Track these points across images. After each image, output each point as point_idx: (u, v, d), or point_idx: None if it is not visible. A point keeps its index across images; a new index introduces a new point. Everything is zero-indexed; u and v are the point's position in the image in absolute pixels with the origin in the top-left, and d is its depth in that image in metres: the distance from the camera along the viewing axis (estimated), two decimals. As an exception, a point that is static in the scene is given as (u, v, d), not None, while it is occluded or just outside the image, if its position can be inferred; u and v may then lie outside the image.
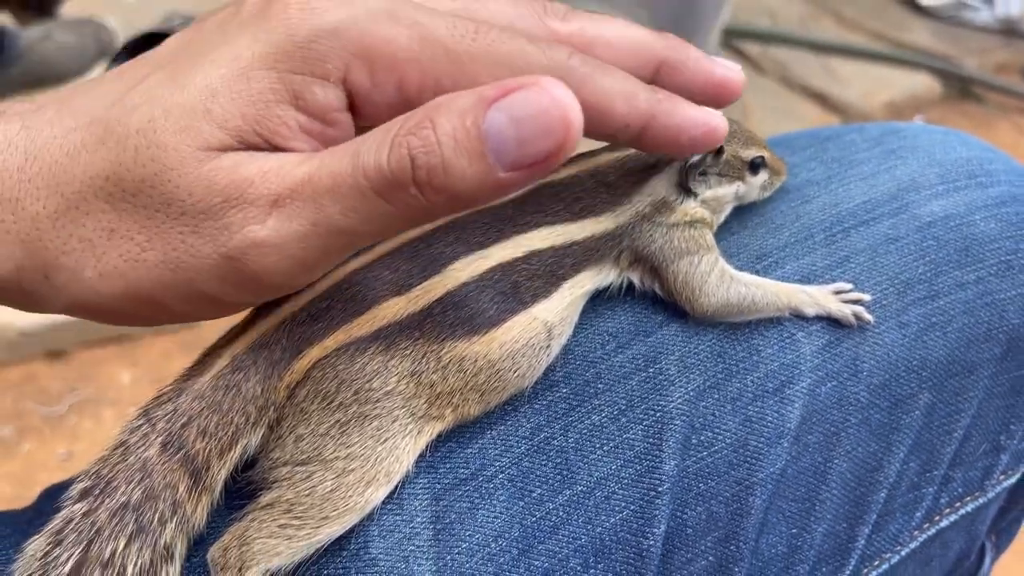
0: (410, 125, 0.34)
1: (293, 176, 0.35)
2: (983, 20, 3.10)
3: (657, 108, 0.41)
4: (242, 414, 0.41)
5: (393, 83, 0.37)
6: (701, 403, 0.48)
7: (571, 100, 0.33)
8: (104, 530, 0.39)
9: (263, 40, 0.36)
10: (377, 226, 0.36)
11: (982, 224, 0.54)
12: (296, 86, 0.36)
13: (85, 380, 1.49)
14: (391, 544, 0.43)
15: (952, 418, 0.53)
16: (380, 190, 0.34)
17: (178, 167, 0.35)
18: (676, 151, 0.44)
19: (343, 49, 0.36)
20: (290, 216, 0.35)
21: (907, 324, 0.52)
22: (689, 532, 0.47)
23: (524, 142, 0.33)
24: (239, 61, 0.36)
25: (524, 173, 0.33)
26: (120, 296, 0.37)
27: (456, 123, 0.33)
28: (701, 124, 0.42)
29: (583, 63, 0.39)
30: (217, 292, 0.37)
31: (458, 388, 0.43)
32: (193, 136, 0.36)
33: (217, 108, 0.36)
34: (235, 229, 0.35)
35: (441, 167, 0.33)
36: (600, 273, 0.48)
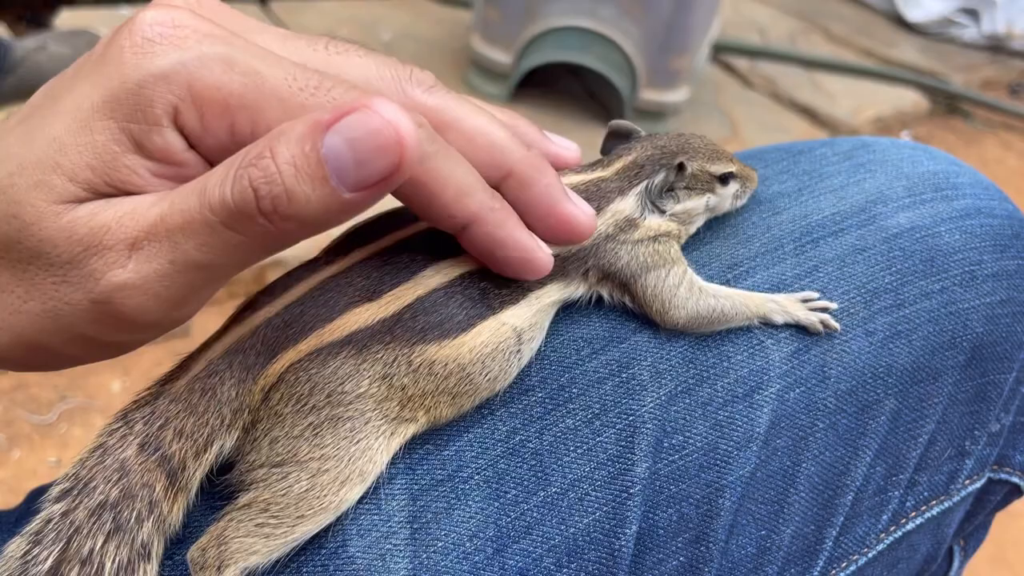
0: (251, 156, 0.34)
1: (146, 218, 0.36)
2: (970, 37, 3.14)
3: (488, 215, 0.41)
4: (217, 416, 0.42)
5: (224, 128, 0.37)
6: (672, 408, 0.49)
7: (402, 118, 0.33)
8: (83, 528, 0.40)
9: (100, 86, 0.37)
10: (235, 257, 0.37)
11: (947, 236, 0.56)
12: (135, 134, 0.37)
13: (75, 388, 1.50)
14: (368, 543, 0.45)
15: (917, 424, 0.55)
16: (228, 223, 0.35)
17: (37, 222, 0.36)
18: (488, 262, 0.44)
19: (170, 93, 0.36)
20: (148, 257, 0.36)
21: (873, 332, 0.53)
22: (660, 533, 0.49)
23: (362, 163, 0.33)
24: (80, 111, 0.37)
25: (369, 192, 0.34)
26: (11, 345, 0.39)
27: (295, 150, 0.33)
28: (522, 250, 0.42)
29: (430, 140, 0.39)
30: (97, 334, 0.39)
31: (429, 391, 0.44)
32: (46, 191, 0.36)
33: (66, 162, 0.37)
34: (99, 275, 0.36)
35: (284, 195, 0.34)
36: (568, 286, 0.49)
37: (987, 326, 0.56)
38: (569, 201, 0.44)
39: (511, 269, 0.43)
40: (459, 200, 0.40)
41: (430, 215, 0.41)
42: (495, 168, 0.43)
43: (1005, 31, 3.08)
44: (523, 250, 0.43)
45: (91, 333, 0.38)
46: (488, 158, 0.42)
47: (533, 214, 0.43)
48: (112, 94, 0.37)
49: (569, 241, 0.45)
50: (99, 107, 0.37)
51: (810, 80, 2.71)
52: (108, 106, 0.37)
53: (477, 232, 0.42)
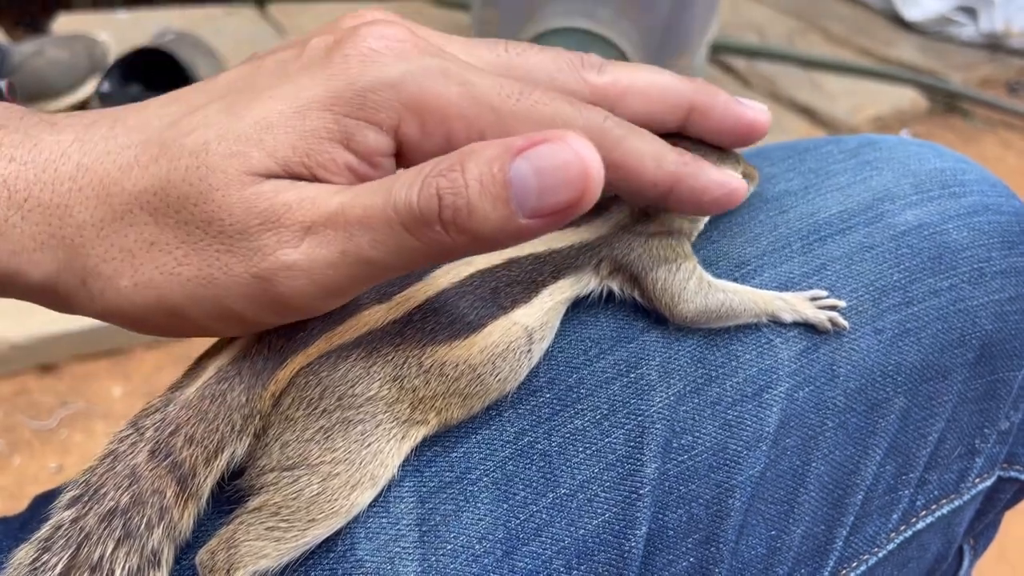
0: (441, 167, 0.36)
1: (328, 205, 0.37)
2: (968, 35, 3.14)
3: (683, 170, 0.44)
4: (228, 422, 0.42)
5: (441, 135, 0.39)
6: (681, 407, 0.49)
7: (592, 155, 0.35)
8: (92, 535, 0.39)
9: (323, 84, 0.39)
10: (402, 259, 0.37)
11: (955, 233, 0.56)
12: (349, 128, 0.39)
13: (76, 394, 1.49)
14: (377, 546, 0.44)
15: (927, 422, 0.55)
16: (408, 225, 0.36)
17: (222, 188, 0.37)
18: (698, 211, 0.47)
19: (398, 101, 0.39)
20: (321, 243, 0.37)
21: (882, 330, 0.53)
22: (670, 534, 0.48)
23: (545, 192, 0.34)
24: (298, 100, 0.39)
25: (544, 221, 0.35)
26: (151, 306, 0.39)
27: (484, 169, 0.35)
28: (722, 186, 0.45)
29: (617, 125, 0.42)
30: (243, 310, 0.39)
31: (440, 392, 0.44)
32: (241, 160, 0.38)
33: (270, 139, 0.38)
34: (268, 251, 0.37)
35: (466, 208, 0.35)
36: (580, 281, 0.49)
37: (996, 323, 0.56)
38: (748, 108, 0.48)
39: (719, 207, 0.46)
40: (659, 167, 0.43)
41: (635, 190, 0.44)
42: (677, 108, 0.46)
43: (1003, 29, 3.08)
44: (724, 186, 0.45)
45: (239, 307, 0.39)
46: (669, 103, 0.46)
47: (721, 131, 0.48)
48: (337, 92, 0.38)
49: (758, 139, 0.49)
50: (320, 100, 0.38)
51: (809, 80, 2.71)
52: (330, 101, 0.38)
53: (682, 189, 0.44)
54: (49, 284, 0.40)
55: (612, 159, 0.36)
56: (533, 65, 0.44)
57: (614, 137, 0.41)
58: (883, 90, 2.72)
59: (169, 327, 0.41)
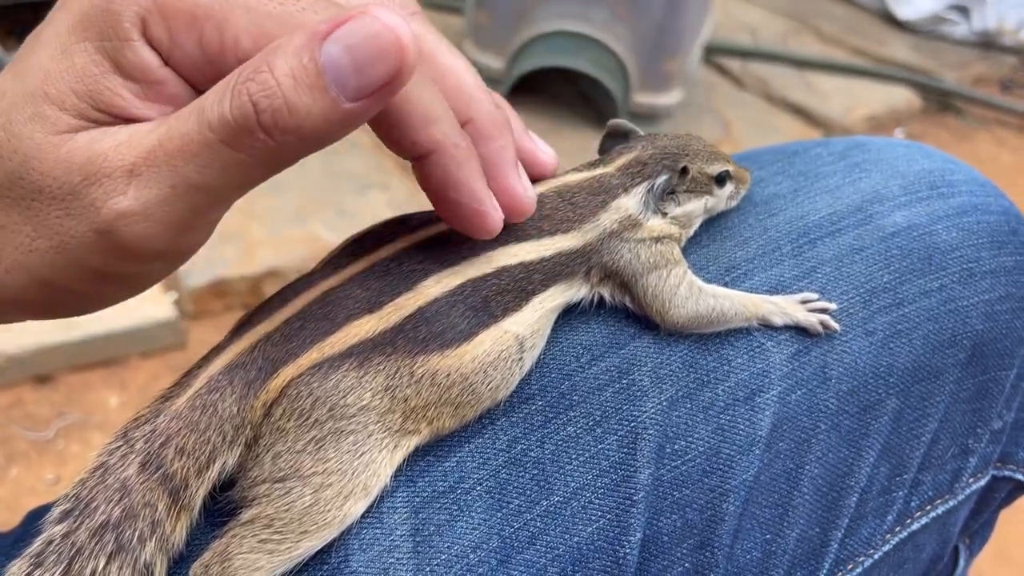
0: (248, 72, 0.34)
1: (144, 144, 0.36)
2: (961, 34, 3.15)
3: (450, 149, 0.40)
4: (219, 433, 0.41)
5: (192, 40, 0.37)
6: (674, 413, 0.49)
7: (400, 23, 0.33)
8: (84, 550, 0.39)
9: (72, 8, 0.37)
10: (234, 177, 0.36)
11: (944, 233, 0.56)
12: (111, 53, 0.37)
13: (72, 404, 1.49)
14: (371, 557, 0.44)
15: (920, 423, 0.55)
16: (228, 140, 0.35)
17: (37, 155, 0.37)
18: (434, 202, 0.43)
19: (135, 4, 0.36)
20: (147, 183, 0.36)
21: (873, 332, 0.53)
22: (665, 540, 0.48)
23: (361, 69, 0.33)
24: (59, 37, 0.37)
25: (369, 101, 0.34)
26: (27, 287, 0.39)
27: (293, 62, 0.33)
28: (475, 200, 0.41)
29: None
30: (106, 266, 0.38)
31: (432, 402, 0.44)
32: (41, 123, 0.37)
33: (52, 90, 0.37)
34: (99, 204, 0.36)
35: (285, 107, 0.34)
36: (571, 288, 0.49)
37: (987, 323, 0.56)
38: (516, 172, 0.43)
39: (458, 218, 0.42)
40: (425, 126, 0.39)
41: (393, 138, 0.40)
42: (457, 112, 0.41)
43: (996, 28, 3.09)
44: (476, 200, 0.41)
45: (99, 265, 0.38)
46: (452, 99, 0.41)
47: (488, 160, 0.43)
48: (83, 13, 0.37)
49: (505, 213, 0.43)
50: (74, 28, 0.37)
51: (802, 80, 2.72)
52: (81, 26, 0.37)
53: (436, 164, 0.40)
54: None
55: None
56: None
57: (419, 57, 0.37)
58: (877, 89, 2.73)
59: (54, 302, 0.41)
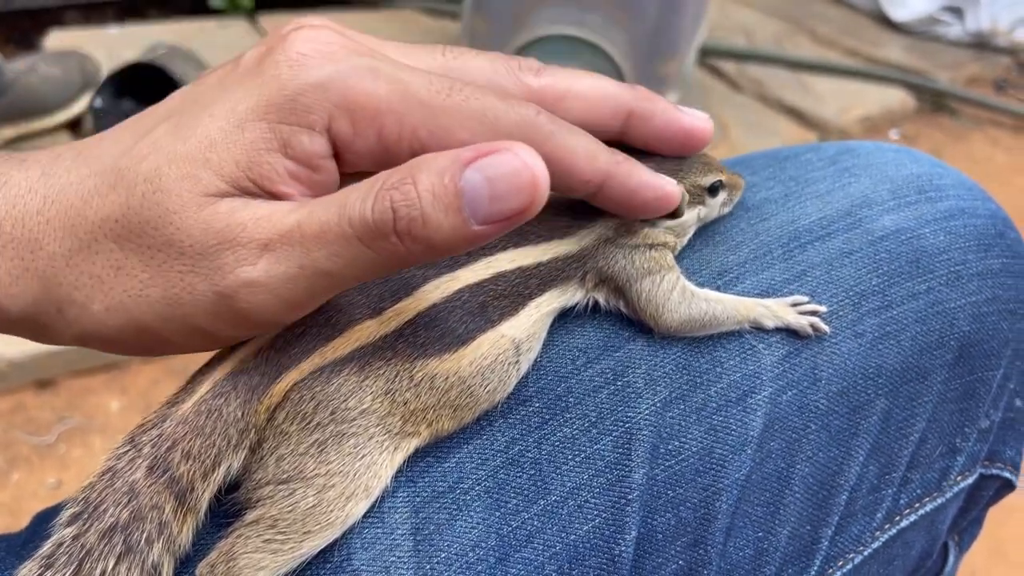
0: (394, 180, 0.37)
1: (284, 223, 0.39)
2: (955, 35, 3.17)
3: (615, 169, 0.45)
4: (224, 437, 0.43)
5: (373, 132, 0.40)
6: (668, 414, 0.50)
7: (539, 163, 0.36)
8: (94, 551, 0.40)
9: (256, 94, 0.40)
10: (359, 270, 0.39)
11: (931, 237, 0.57)
12: (285, 135, 0.40)
13: (74, 409, 1.50)
14: (373, 556, 0.45)
15: (908, 422, 0.56)
16: (364, 238, 0.37)
17: (179, 211, 0.39)
18: (628, 212, 0.48)
19: (327, 101, 0.40)
20: (279, 259, 0.38)
21: (862, 333, 0.54)
22: (659, 538, 0.50)
23: (496, 199, 0.36)
24: (235, 114, 0.40)
25: (496, 227, 0.37)
26: (124, 328, 0.41)
27: (435, 180, 0.36)
28: (655, 188, 0.47)
29: (550, 121, 0.43)
30: (210, 326, 0.40)
31: (431, 405, 0.45)
32: (193, 183, 0.39)
33: (215, 157, 0.39)
34: (228, 269, 0.39)
35: (420, 219, 0.36)
36: (566, 293, 0.50)
37: (973, 324, 0.57)
38: (687, 115, 0.49)
39: (650, 209, 0.47)
40: (590, 164, 0.44)
41: (567, 185, 0.45)
42: (617, 113, 0.47)
43: (989, 28, 3.11)
44: (656, 188, 0.47)
45: (206, 325, 0.40)
46: (608, 108, 0.47)
47: (661, 137, 0.49)
48: (269, 100, 0.40)
49: (699, 147, 0.50)
50: (254, 110, 0.40)
51: (798, 81, 2.73)
52: (264, 110, 0.40)
53: (613, 187, 0.45)
54: (28, 315, 0.41)
55: (543, 153, 0.37)
56: (471, 68, 0.45)
57: (546, 132, 0.42)
58: (871, 90, 2.74)
59: (143, 346, 0.42)
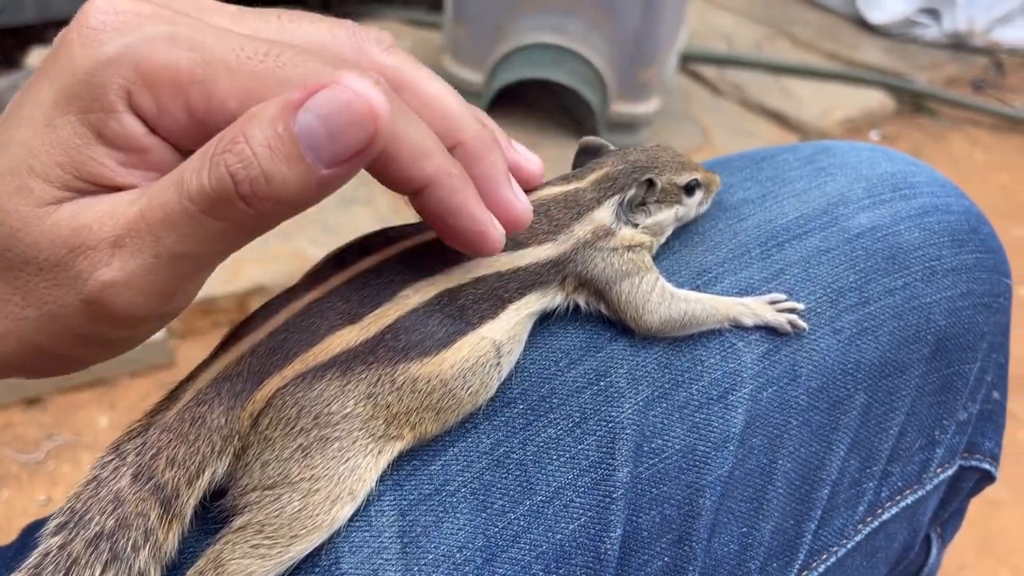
0: (224, 143, 0.35)
1: (127, 215, 0.37)
2: (932, 36, 3.20)
3: (444, 179, 0.41)
4: (208, 443, 0.43)
5: (179, 105, 0.37)
6: (650, 413, 0.51)
7: (373, 92, 0.34)
8: (80, 559, 0.40)
9: (55, 82, 0.37)
10: (217, 244, 0.37)
11: (907, 234, 0.58)
12: (94, 124, 0.37)
13: (62, 425, 1.49)
14: (361, 559, 0.46)
15: (887, 416, 0.57)
16: (208, 211, 0.36)
17: (23, 227, 0.37)
18: (440, 231, 0.44)
19: (119, 76, 0.37)
20: (132, 253, 0.37)
21: (841, 330, 0.55)
22: (644, 535, 0.50)
23: (336, 137, 0.34)
24: (41, 110, 0.38)
25: (345, 167, 0.35)
26: (18, 352, 0.40)
27: (268, 132, 0.34)
28: (475, 221, 0.42)
29: (387, 99, 0.37)
30: (94, 333, 0.40)
31: (414, 408, 0.45)
32: (26, 196, 0.37)
33: (36, 163, 0.37)
34: (86, 275, 0.37)
35: (262, 177, 0.34)
36: (546, 296, 0.51)
37: (949, 319, 0.58)
38: (509, 186, 0.44)
39: (461, 240, 0.43)
40: (416, 162, 0.40)
41: (387, 177, 0.41)
42: (445, 137, 0.42)
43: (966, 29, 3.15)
44: (476, 222, 0.42)
45: (88, 332, 0.39)
46: (440, 126, 0.42)
47: (481, 181, 0.43)
48: (67, 87, 0.37)
49: (504, 226, 0.44)
50: (57, 102, 0.37)
51: (778, 85, 2.75)
52: (65, 100, 0.37)
53: (432, 196, 0.41)
54: None
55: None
56: (305, 32, 0.41)
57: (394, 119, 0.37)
58: (851, 93, 2.77)
59: (46, 365, 0.42)
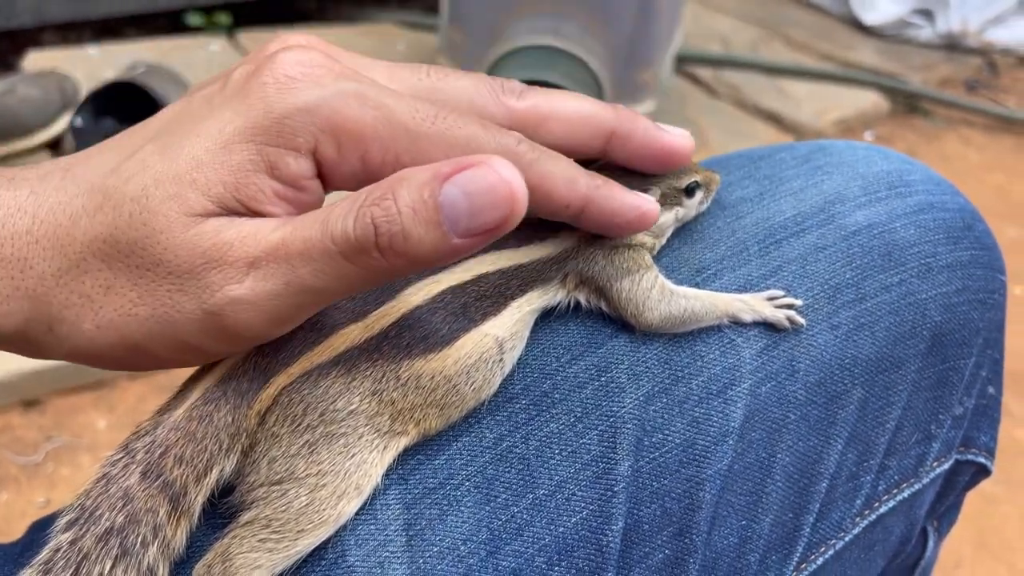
0: (375, 196, 0.38)
1: (268, 240, 0.39)
2: (926, 37, 3.22)
3: (595, 192, 0.46)
4: (215, 441, 0.44)
5: (357, 156, 0.41)
6: (651, 407, 0.52)
7: (516, 177, 0.37)
8: (91, 554, 0.41)
9: (243, 115, 0.40)
10: (344, 285, 0.40)
11: (902, 231, 0.59)
12: (271, 157, 0.40)
13: (61, 428, 1.50)
14: (367, 552, 0.46)
15: (884, 411, 0.58)
16: (346, 254, 0.38)
17: (166, 231, 0.40)
18: (610, 231, 0.49)
19: (313, 126, 0.40)
20: (265, 276, 0.39)
21: (838, 326, 0.56)
22: (645, 528, 0.51)
23: (475, 213, 0.37)
24: (222, 134, 0.40)
25: (476, 240, 0.38)
26: (115, 345, 0.42)
27: (415, 195, 0.37)
28: (633, 209, 0.48)
29: (530, 149, 0.44)
30: (200, 343, 0.41)
31: (418, 404, 0.46)
32: (180, 203, 0.40)
33: (201, 177, 0.40)
34: (216, 288, 0.39)
35: (401, 234, 0.37)
36: (547, 293, 0.51)
37: (945, 315, 0.59)
38: (667, 133, 0.50)
39: (631, 228, 0.49)
40: (570, 189, 0.45)
41: (549, 209, 0.46)
42: (599, 134, 0.48)
43: (960, 30, 3.16)
44: (635, 208, 0.48)
45: (194, 341, 0.41)
46: (590, 129, 0.48)
47: (642, 156, 0.50)
48: (256, 122, 0.40)
49: (681, 164, 0.51)
50: (241, 132, 0.40)
51: (774, 86, 2.77)
52: (251, 132, 0.40)
53: (594, 209, 0.46)
54: (20, 333, 0.42)
55: (525, 180, 0.38)
56: (454, 89, 0.46)
57: (527, 160, 0.43)
58: (846, 93, 2.78)
59: (134, 362, 0.43)
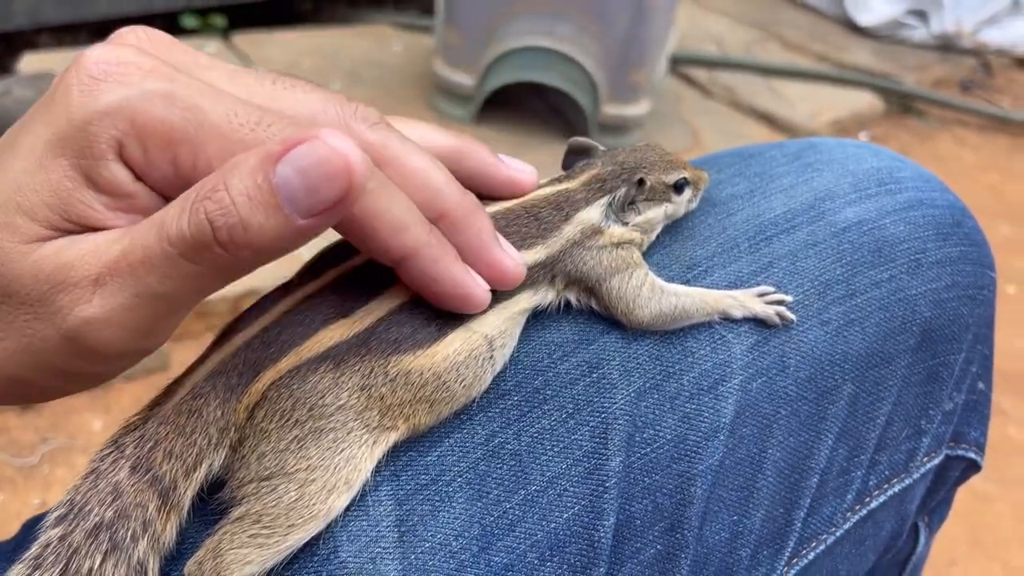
0: (206, 189, 0.36)
1: (108, 254, 0.38)
2: (920, 38, 3.23)
3: (422, 251, 0.43)
4: (204, 436, 0.44)
5: (167, 161, 0.39)
6: (642, 403, 0.52)
7: (350, 147, 0.35)
8: (80, 549, 0.41)
9: (51, 125, 0.39)
10: (195, 286, 0.39)
11: (892, 227, 0.59)
12: (85, 170, 0.39)
13: (56, 429, 1.50)
14: (359, 547, 0.47)
15: (874, 406, 0.58)
16: (187, 255, 0.37)
17: (7, 262, 0.39)
18: (425, 296, 0.45)
19: (114, 127, 0.38)
20: (112, 292, 0.38)
21: (828, 321, 0.56)
22: (637, 523, 0.51)
23: (313, 190, 0.35)
24: (34, 152, 0.39)
25: (321, 218, 0.36)
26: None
27: (248, 181, 0.35)
28: (457, 285, 0.44)
29: (371, 178, 0.39)
30: (71, 367, 0.41)
31: (407, 400, 0.46)
32: (12, 232, 0.39)
33: (25, 201, 0.39)
34: (66, 311, 0.38)
35: (240, 225, 0.36)
36: (537, 294, 0.51)
37: (934, 310, 0.59)
38: (499, 247, 0.46)
39: (447, 303, 0.45)
40: (394, 236, 0.41)
41: (367, 249, 0.43)
42: (429, 209, 0.44)
43: (954, 30, 3.17)
44: (458, 285, 0.44)
45: (65, 366, 0.40)
46: (422, 199, 0.44)
47: (464, 258, 0.45)
48: (61, 132, 0.38)
49: (497, 286, 0.46)
50: (51, 145, 0.39)
51: (768, 87, 2.77)
52: (59, 144, 0.39)
53: (412, 267, 0.43)
54: None
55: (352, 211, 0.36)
56: (297, 101, 0.43)
57: (368, 178, 0.38)
58: (840, 94, 2.79)
59: (22, 394, 0.43)
